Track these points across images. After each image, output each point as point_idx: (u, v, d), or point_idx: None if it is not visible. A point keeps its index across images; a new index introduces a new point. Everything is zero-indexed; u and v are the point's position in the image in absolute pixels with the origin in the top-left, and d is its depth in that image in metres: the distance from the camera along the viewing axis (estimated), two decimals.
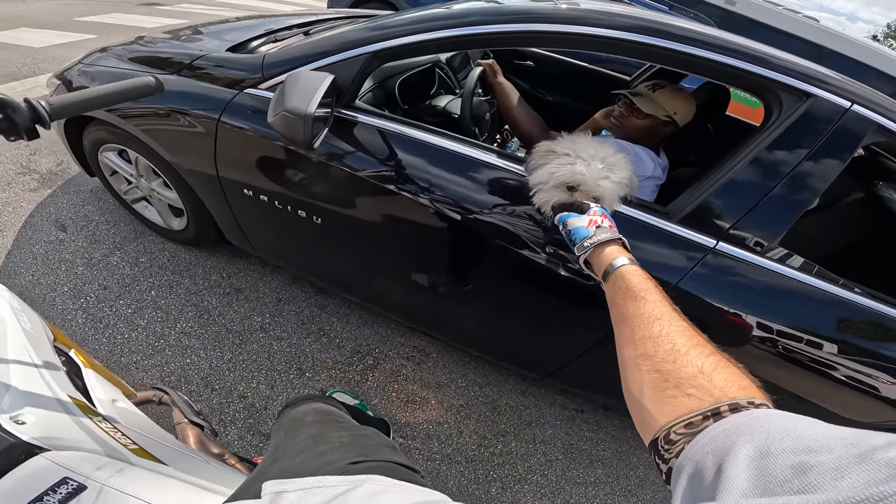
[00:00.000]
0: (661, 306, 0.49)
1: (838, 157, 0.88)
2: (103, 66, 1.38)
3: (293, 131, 0.83)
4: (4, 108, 0.51)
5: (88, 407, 0.60)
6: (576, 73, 2.10)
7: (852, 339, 0.95)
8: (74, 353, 0.74)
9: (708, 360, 0.39)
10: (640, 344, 0.45)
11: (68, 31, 4.05)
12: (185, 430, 0.78)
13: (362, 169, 1.08)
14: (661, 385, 0.39)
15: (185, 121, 1.22)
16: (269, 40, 1.43)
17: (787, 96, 0.87)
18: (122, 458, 0.53)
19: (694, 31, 0.89)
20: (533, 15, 0.96)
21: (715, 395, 0.36)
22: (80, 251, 1.71)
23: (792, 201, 0.90)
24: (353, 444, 0.57)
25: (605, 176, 0.79)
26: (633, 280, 0.55)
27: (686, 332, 0.44)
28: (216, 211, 1.44)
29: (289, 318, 1.65)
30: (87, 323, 1.49)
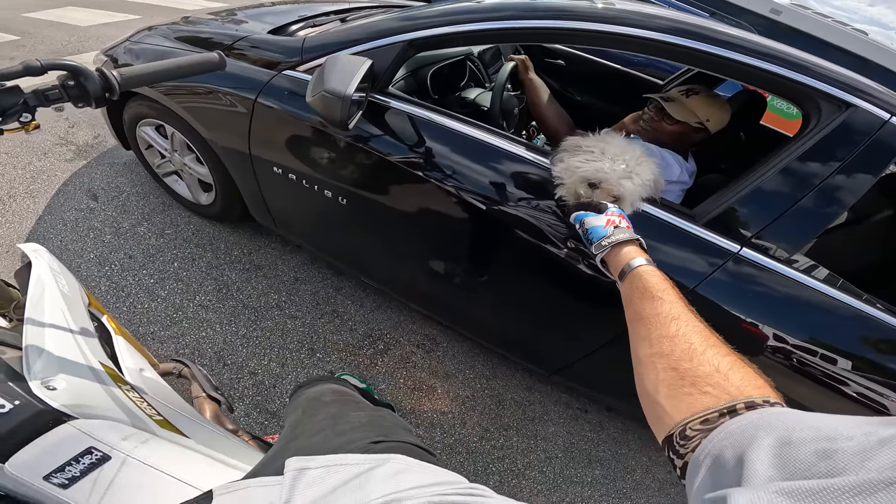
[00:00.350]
0: (678, 306, 0.49)
1: (871, 169, 0.86)
2: (149, 44, 1.44)
3: (331, 111, 0.86)
4: (77, 75, 0.53)
5: (118, 375, 0.61)
6: (607, 75, 2.09)
7: (872, 355, 0.94)
8: (107, 319, 0.75)
9: (724, 360, 0.40)
10: (657, 343, 0.45)
11: (114, 10, 4.17)
12: (203, 404, 0.79)
13: (391, 153, 1.10)
14: (677, 383, 0.40)
15: (224, 99, 1.26)
16: (308, 25, 1.46)
17: (827, 105, 0.86)
18: (147, 428, 0.54)
19: (733, 36, 0.89)
20: (570, 12, 0.97)
21: (731, 394, 0.36)
22: (109, 220, 1.78)
23: (820, 212, 0.89)
24: (373, 424, 0.58)
25: (627, 176, 0.80)
26: (651, 280, 0.55)
27: (702, 332, 0.45)
28: (244, 187, 1.48)
29: (304, 297, 1.69)
30: (109, 290, 1.54)
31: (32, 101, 0.51)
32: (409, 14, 1.10)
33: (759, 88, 0.95)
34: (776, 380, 0.99)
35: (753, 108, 1.50)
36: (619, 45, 0.95)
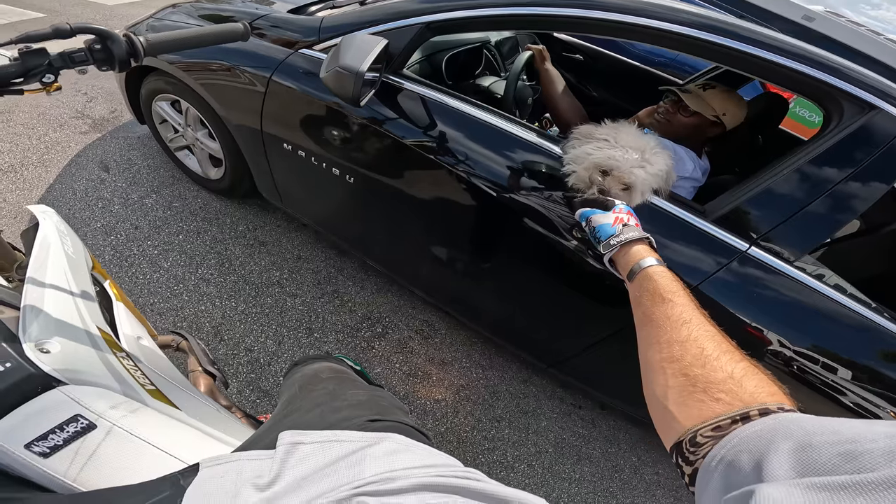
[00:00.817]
0: (689, 310, 0.48)
1: (888, 176, 0.84)
2: (173, 20, 1.44)
3: (344, 87, 0.86)
4: (104, 38, 0.54)
5: (114, 342, 0.60)
6: (625, 72, 2.06)
7: (877, 366, 0.92)
8: (109, 284, 0.75)
9: (738, 366, 0.39)
10: (667, 347, 0.44)
11: None
12: (198, 378, 0.79)
13: (401, 134, 1.10)
14: (687, 389, 0.39)
15: (240, 76, 1.27)
16: (327, 6, 1.46)
17: (850, 106, 0.84)
18: (138, 398, 0.53)
19: (757, 32, 0.87)
20: (595, 2, 0.95)
21: (745, 401, 0.35)
22: (118, 191, 1.80)
23: (831, 217, 0.87)
24: (370, 402, 0.57)
25: (640, 165, 0.79)
26: (661, 281, 0.53)
27: (715, 337, 0.44)
28: (253, 163, 1.49)
29: (306, 276, 1.69)
30: (113, 260, 1.56)
31: (58, 62, 0.52)
32: None
33: (781, 86, 0.93)
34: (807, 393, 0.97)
35: (774, 111, 1.47)
36: (643, 37, 0.93)
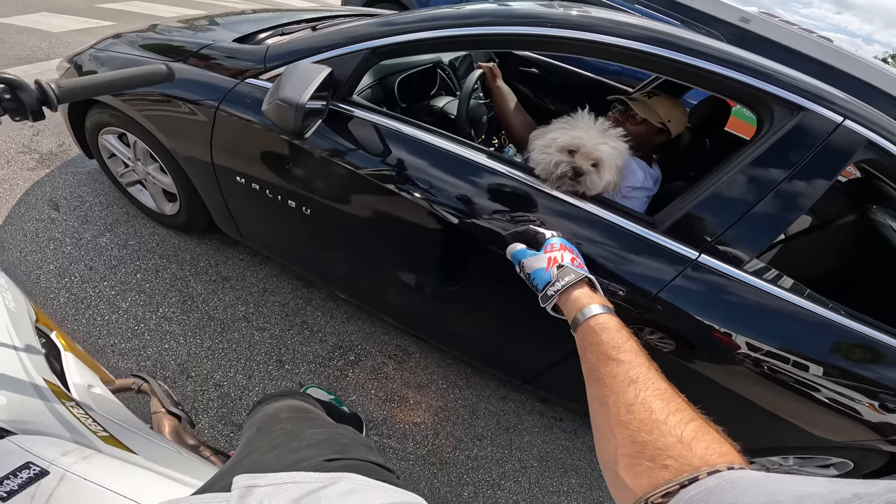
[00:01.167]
0: (636, 366, 0.46)
1: (827, 173, 0.87)
2: (115, 51, 1.40)
3: (285, 120, 0.84)
4: (13, 87, 0.51)
5: (63, 392, 0.60)
6: (580, 83, 2.12)
7: (833, 359, 0.95)
8: (56, 335, 0.74)
9: (688, 428, 0.38)
10: (614, 410, 0.42)
11: (88, 16, 4.08)
12: (162, 420, 0.78)
13: (354, 163, 1.08)
14: (636, 456, 0.38)
15: (185, 107, 1.23)
16: (277, 33, 1.44)
17: (780, 109, 0.87)
18: (91, 444, 0.53)
19: (687, 40, 0.89)
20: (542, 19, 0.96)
21: (694, 465, 0.35)
22: (70, 231, 1.72)
23: (777, 216, 0.89)
24: (329, 441, 0.56)
25: (604, 141, 0.84)
26: (605, 337, 0.51)
27: (664, 395, 0.42)
28: (208, 197, 1.44)
29: (273, 309, 1.65)
30: (68, 302, 1.48)
31: None
32: (373, 21, 1.09)
33: (714, 92, 0.96)
34: (739, 383, 1.00)
35: (718, 115, 1.52)
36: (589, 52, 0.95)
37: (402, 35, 1.01)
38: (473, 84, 1.33)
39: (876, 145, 0.86)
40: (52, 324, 0.76)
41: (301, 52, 1.10)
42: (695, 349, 0.99)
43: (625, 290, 0.94)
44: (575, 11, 1.01)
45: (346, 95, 1.08)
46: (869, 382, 0.97)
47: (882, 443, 1.11)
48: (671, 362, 1.02)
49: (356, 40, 1.04)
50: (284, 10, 1.88)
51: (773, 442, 1.26)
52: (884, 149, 0.86)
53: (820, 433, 1.13)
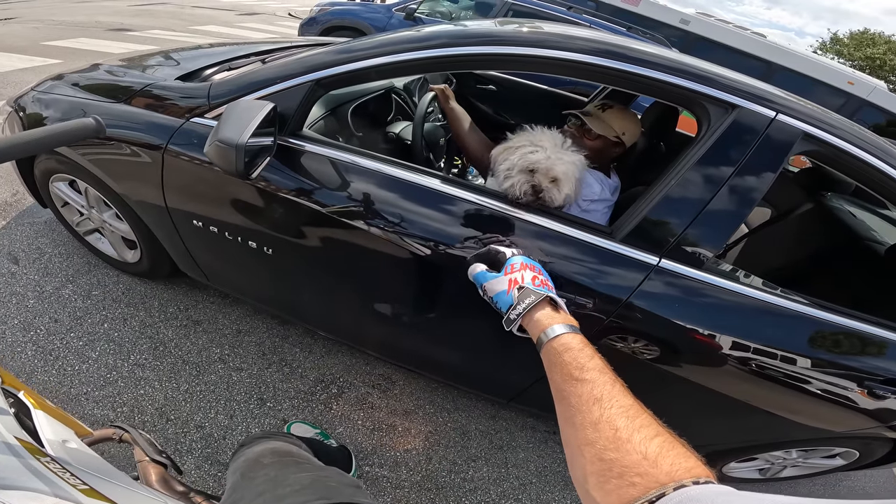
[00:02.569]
0: (599, 385, 0.46)
1: (769, 166, 0.89)
2: (57, 94, 1.35)
3: (227, 161, 0.82)
4: None
5: (36, 448, 0.58)
6: (536, 96, 2.16)
7: (810, 350, 0.97)
8: (24, 394, 0.71)
9: (652, 444, 0.38)
10: (581, 429, 0.43)
11: (34, 55, 4.00)
12: (147, 469, 0.75)
13: (309, 198, 1.06)
14: (604, 474, 0.38)
15: (131, 150, 1.19)
16: (224, 69, 1.42)
17: (714, 108, 0.89)
18: (71, 498, 0.51)
19: (620, 47, 0.91)
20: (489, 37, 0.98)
21: (661, 481, 0.35)
22: (31, 284, 1.65)
23: (729, 213, 0.91)
24: (314, 486, 0.56)
25: (559, 158, 0.91)
26: (567, 357, 0.51)
27: (628, 412, 0.42)
28: (168, 242, 1.40)
29: (249, 349, 1.60)
30: (36, 355, 1.43)
31: None
32: (317, 52, 1.09)
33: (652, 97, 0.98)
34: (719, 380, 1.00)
35: (667, 118, 1.56)
36: (542, 67, 0.97)
37: (345, 65, 1.00)
38: (426, 107, 1.34)
39: (813, 136, 0.88)
40: (19, 383, 0.75)
41: (245, 88, 1.08)
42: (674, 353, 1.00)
43: (591, 303, 0.95)
44: (526, 28, 1.03)
45: (295, 129, 1.06)
46: (854, 370, 0.99)
47: (884, 429, 1.12)
48: (651, 368, 1.02)
49: (299, 73, 1.03)
50: (236, 43, 1.87)
51: (770, 437, 1.26)
52: (821, 139, 0.88)
53: (817, 424, 1.14)
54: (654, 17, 5.30)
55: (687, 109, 0.95)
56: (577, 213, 1.08)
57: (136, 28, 6.02)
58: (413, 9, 4.92)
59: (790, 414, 1.11)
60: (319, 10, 5.43)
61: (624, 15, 5.31)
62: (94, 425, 1.29)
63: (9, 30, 4.73)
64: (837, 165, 0.92)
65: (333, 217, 1.05)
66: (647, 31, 4.50)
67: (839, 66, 5.34)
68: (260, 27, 8.28)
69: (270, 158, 0.98)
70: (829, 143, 0.88)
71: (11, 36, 4.47)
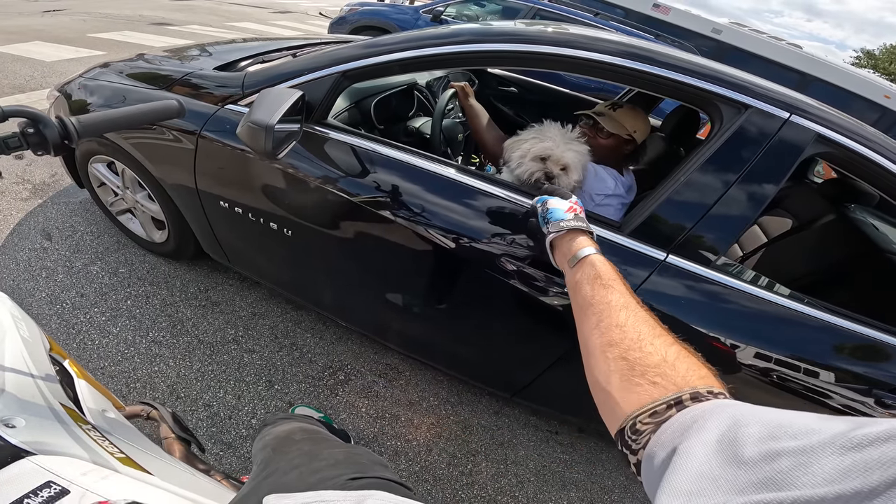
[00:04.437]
0: (627, 296, 0.50)
1: (781, 167, 0.89)
2: (103, 80, 1.44)
3: (256, 141, 0.87)
4: (37, 122, 0.53)
5: (78, 416, 0.61)
6: (558, 99, 2.17)
7: (820, 357, 0.95)
8: (69, 363, 0.76)
9: (671, 350, 0.40)
10: (607, 332, 0.45)
11: (80, 46, 4.21)
12: (172, 445, 0.79)
13: (331, 183, 1.11)
14: (627, 373, 0.40)
15: (169, 134, 1.27)
16: (257, 61, 1.49)
17: (727, 108, 0.89)
18: (108, 465, 0.53)
19: (631, 46, 0.93)
20: (513, 36, 1.01)
21: (678, 384, 0.36)
22: (62, 259, 1.74)
23: (738, 213, 0.91)
24: (349, 461, 0.57)
25: (569, 147, 0.98)
26: (602, 269, 0.55)
27: (649, 321, 0.45)
28: (195, 223, 1.47)
29: (262, 331, 1.65)
30: (59, 328, 1.50)
31: None
32: (341, 47, 1.14)
33: (665, 96, 0.99)
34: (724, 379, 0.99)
35: (690, 123, 1.56)
36: (561, 66, 0.99)
37: (371, 58, 1.04)
38: (445, 103, 1.37)
39: (827, 139, 0.87)
40: (64, 352, 0.79)
41: (276, 78, 1.14)
42: None
43: None
44: (551, 28, 1.05)
45: (320, 118, 1.11)
46: (863, 378, 0.96)
47: None
48: None
49: (327, 65, 1.08)
50: (269, 39, 1.95)
51: None
52: (835, 142, 0.87)
53: None
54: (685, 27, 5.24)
55: (700, 109, 0.95)
56: (591, 207, 1.10)
57: (176, 23, 6.29)
58: (440, 11, 5.00)
59: None
60: (349, 9, 5.57)
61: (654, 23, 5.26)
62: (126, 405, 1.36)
63: (58, 21, 5.00)
64: (852, 169, 0.91)
65: (352, 202, 1.09)
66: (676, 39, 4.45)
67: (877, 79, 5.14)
68: (292, 25, 8.53)
69: (296, 143, 1.03)
70: (844, 146, 0.87)
71: (60, 27, 4.72)
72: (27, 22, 4.72)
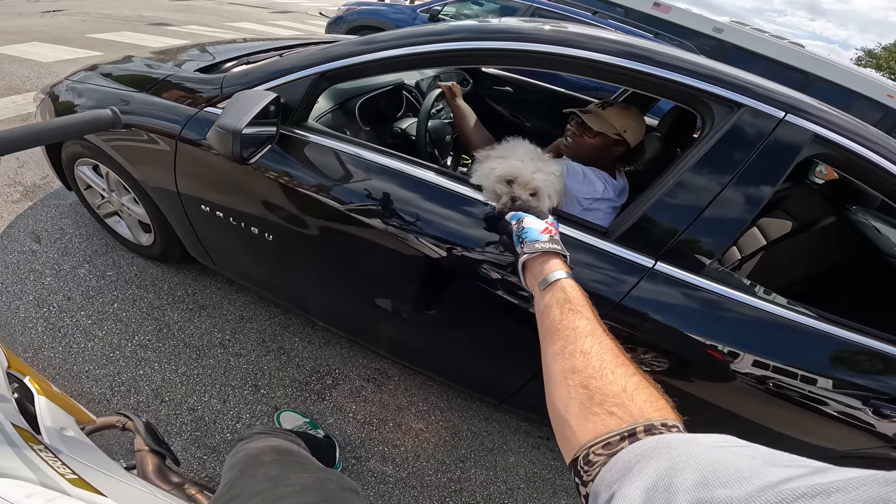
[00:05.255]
0: (594, 323, 0.50)
1: (775, 169, 0.85)
2: (90, 83, 1.42)
3: (224, 146, 0.84)
4: None
5: (31, 436, 0.60)
6: (553, 99, 2.13)
7: (816, 366, 0.92)
8: (29, 379, 0.74)
9: (631, 380, 0.40)
10: (570, 357, 0.45)
11: (77, 47, 4.20)
12: (145, 458, 0.77)
13: (310, 187, 1.08)
14: (587, 401, 0.40)
15: (148, 137, 1.24)
16: (243, 62, 1.47)
17: (719, 107, 0.85)
18: (57, 487, 0.52)
19: (621, 44, 0.89)
20: (478, 33, 0.97)
21: (634, 416, 0.36)
22: (50, 262, 1.73)
23: (731, 216, 0.87)
24: (316, 487, 0.56)
25: (538, 170, 0.85)
26: (572, 294, 0.55)
27: (613, 350, 0.45)
28: (178, 227, 1.45)
29: (250, 335, 1.63)
30: (45, 331, 1.49)
31: None
32: (324, 46, 1.11)
33: (654, 95, 0.95)
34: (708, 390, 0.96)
35: (687, 123, 1.52)
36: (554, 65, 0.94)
37: (349, 58, 1.01)
38: (431, 104, 1.34)
39: (825, 139, 0.83)
40: (26, 367, 0.77)
41: (255, 80, 1.11)
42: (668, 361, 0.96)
43: None
44: (548, 27, 1.01)
45: (299, 120, 1.08)
46: (860, 388, 0.93)
47: (893, 450, 1.06)
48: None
49: (305, 66, 1.05)
50: (259, 39, 1.92)
51: None
52: (834, 142, 0.83)
53: (819, 443, 1.08)
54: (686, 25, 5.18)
55: (689, 108, 0.91)
56: (578, 212, 1.06)
57: (175, 23, 6.28)
58: (437, 10, 4.96)
59: (788, 429, 1.05)
60: (347, 9, 5.55)
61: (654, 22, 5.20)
62: (90, 403, 1.33)
63: (57, 22, 5.01)
64: (852, 171, 0.87)
65: (331, 207, 1.06)
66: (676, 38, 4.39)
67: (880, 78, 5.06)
68: (291, 25, 8.51)
69: (272, 146, 1.00)
70: (842, 147, 0.83)
71: (59, 28, 4.73)
72: (26, 22, 4.72)
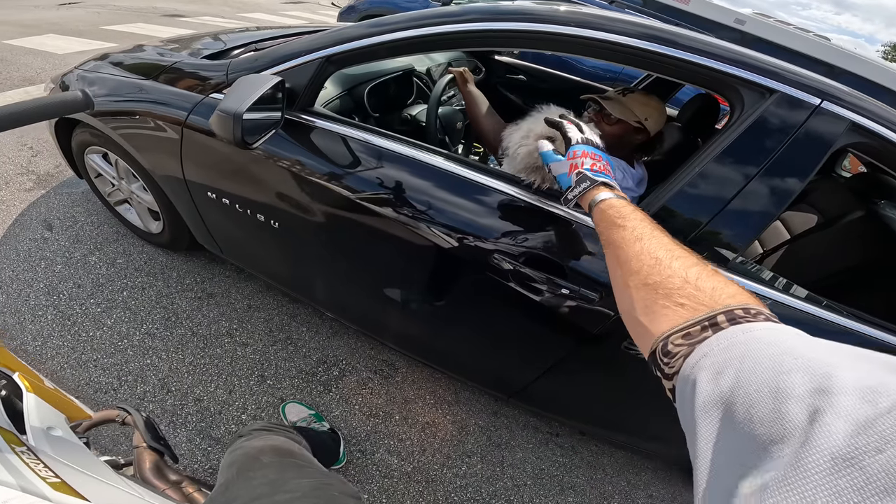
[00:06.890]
0: (640, 227, 0.49)
1: (808, 160, 0.79)
2: (100, 72, 1.41)
3: (225, 130, 0.82)
4: None
5: (14, 438, 0.59)
6: (568, 88, 2.06)
7: None
8: (19, 376, 0.73)
9: (692, 271, 0.39)
10: (625, 263, 0.46)
11: (92, 38, 4.24)
12: (142, 455, 0.75)
13: (316, 173, 1.05)
14: (651, 297, 0.39)
15: (155, 124, 1.23)
16: (250, 49, 1.44)
17: (749, 93, 0.80)
18: (37, 492, 0.51)
19: (648, 27, 0.84)
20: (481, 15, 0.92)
21: (707, 304, 0.35)
22: (61, 250, 1.74)
23: (758, 209, 0.82)
24: (316, 493, 0.55)
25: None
26: (610, 211, 0.56)
27: (667, 246, 0.44)
28: (186, 214, 1.44)
29: (257, 325, 1.63)
30: (55, 319, 1.50)
31: None
32: (327, 31, 1.07)
33: (680, 80, 0.90)
34: None
35: (709, 112, 1.46)
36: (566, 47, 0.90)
37: (355, 42, 0.97)
38: (441, 90, 1.29)
39: (862, 127, 0.78)
40: (17, 363, 0.76)
41: (260, 65, 1.08)
42: None
43: (599, 296, 0.88)
44: (564, 7, 0.97)
45: (306, 105, 1.05)
46: None
47: None
48: None
49: (311, 50, 1.01)
50: (269, 28, 1.89)
51: None
52: (871, 131, 0.78)
53: None
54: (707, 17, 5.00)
55: (718, 94, 0.86)
56: None
57: (188, 14, 6.31)
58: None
59: None
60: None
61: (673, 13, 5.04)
62: (97, 393, 1.34)
63: (72, 14, 5.06)
64: (888, 161, 0.81)
65: (339, 193, 1.04)
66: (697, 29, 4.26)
67: None
68: (303, 15, 8.50)
69: (277, 131, 0.98)
70: (881, 136, 0.77)
71: (74, 20, 4.77)
72: (43, 15, 4.78)
